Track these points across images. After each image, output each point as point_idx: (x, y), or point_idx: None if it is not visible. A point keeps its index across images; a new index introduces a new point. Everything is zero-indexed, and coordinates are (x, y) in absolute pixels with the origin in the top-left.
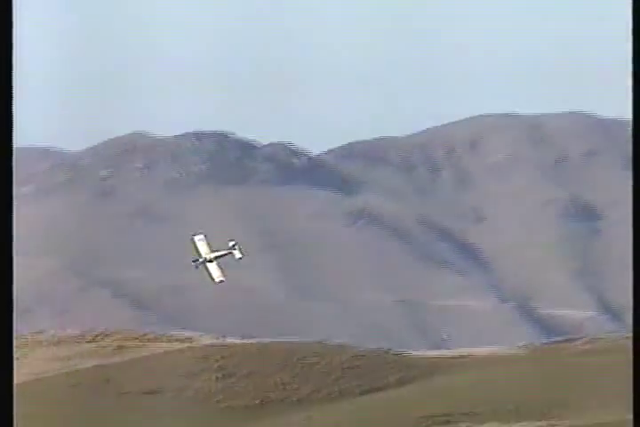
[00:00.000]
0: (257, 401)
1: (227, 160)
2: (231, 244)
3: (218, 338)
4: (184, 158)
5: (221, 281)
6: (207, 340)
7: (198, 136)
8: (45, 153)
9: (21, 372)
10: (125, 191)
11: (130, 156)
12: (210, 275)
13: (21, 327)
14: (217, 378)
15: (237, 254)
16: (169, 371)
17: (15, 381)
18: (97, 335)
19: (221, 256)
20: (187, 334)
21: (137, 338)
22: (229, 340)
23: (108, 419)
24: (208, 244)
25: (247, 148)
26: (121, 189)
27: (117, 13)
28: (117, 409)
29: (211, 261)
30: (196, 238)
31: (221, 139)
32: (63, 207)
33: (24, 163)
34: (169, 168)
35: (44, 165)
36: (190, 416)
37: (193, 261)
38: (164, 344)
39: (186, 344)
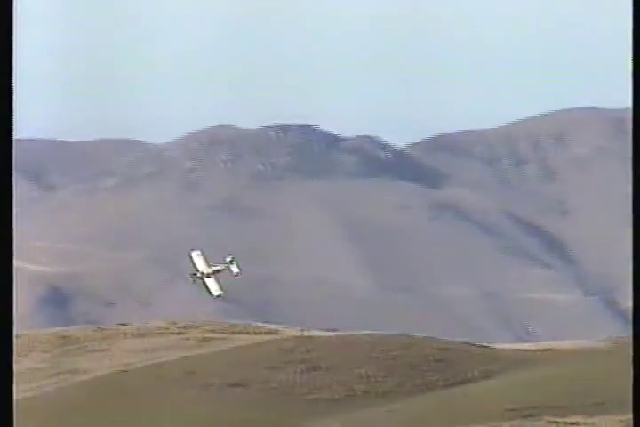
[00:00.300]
0: (341, 394)
1: (312, 152)
2: (228, 259)
3: (303, 331)
4: (269, 151)
5: (219, 295)
6: (292, 332)
7: (283, 128)
8: (129, 145)
9: (107, 364)
10: (210, 183)
11: (214, 148)
12: (207, 289)
13: (107, 319)
14: (301, 371)
15: (235, 269)
16: (254, 363)
17: (100, 373)
18: (182, 327)
19: (219, 271)
20: (272, 326)
21: (222, 330)
22: (314, 332)
23: (193, 411)
24: (205, 259)
25: (332, 140)
26: (206, 181)
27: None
28: (202, 401)
29: (208, 275)
30: (194, 254)
31: (306, 131)
32: (148, 199)
33: (107, 155)
34: (253, 160)
35: (127, 158)
36: (274, 409)
37: (190, 276)
38: (250, 337)
39: (271, 337)
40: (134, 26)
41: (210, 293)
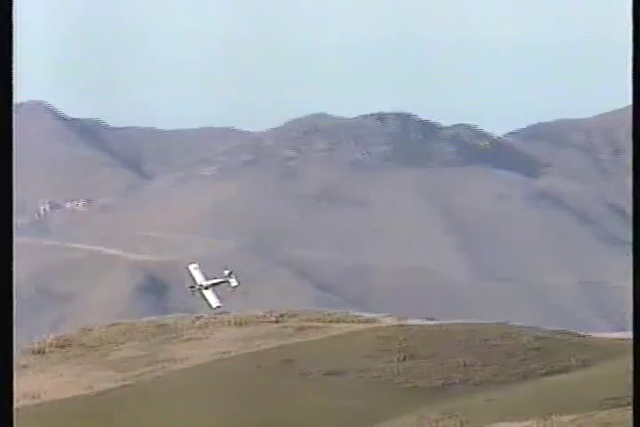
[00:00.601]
0: (439, 383)
1: (409, 141)
2: (226, 272)
3: (400, 319)
4: (367, 139)
5: (218, 307)
6: (390, 321)
7: (381, 117)
8: (227, 133)
9: (204, 352)
10: (308, 172)
11: (312, 137)
12: (207, 301)
13: (205, 308)
14: (399, 359)
15: (233, 282)
16: (351, 352)
17: (197, 361)
18: (280, 316)
19: (217, 284)
20: (370, 315)
21: (320, 319)
22: (412, 321)
23: (290, 400)
24: (202, 272)
25: (430, 129)
26: (304, 170)
27: None
28: (299, 390)
29: (207, 288)
30: (191, 267)
31: (404, 120)
32: (246, 188)
33: (206, 143)
34: (351, 149)
35: (225, 146)
36: (372, 397)
37: (189, 288)
38: (347, 325)
39: (369, 325)
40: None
41: (209, 305)
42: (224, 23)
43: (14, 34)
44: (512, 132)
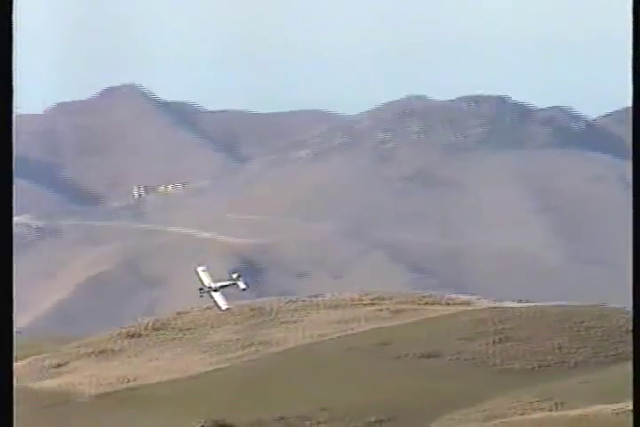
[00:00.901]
0: (534, 365)
1: (504, 124)
2: (235, 275)
3: (495, 302)
4: (461, 122)
5: (227, 309)
6: (485, 304)
7: (475, 99)
8: (321, 116)
9: (299, 335)
10: (403, 155)
11: (406, 119)
12: (215, 303)
13: (299, 291)
14: (494, 342)
15: (242, 285)
16: (446, 334)
17: (292, 344)
18: (375, 299)
19: (226, 286)
20: (464, 297)
21: (415, 301)
22: (507, 304)
23: (385, 382)
24: (210, 275)
25: (524, 111)
26: (398, 152)
27: None
28: (394, 372)
29: (216, 290)
30: (199, 269)
31: (499, 102)
32: (341, 171)
33: (300, 126)
34: (446, 132)
35: (320, 129)
36: (466, 380)
37: (199, 290)
38: (442, 308)
39: (464, 308)
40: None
41: (218, 306)
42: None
43: (15, 33)
44: (606, 115)
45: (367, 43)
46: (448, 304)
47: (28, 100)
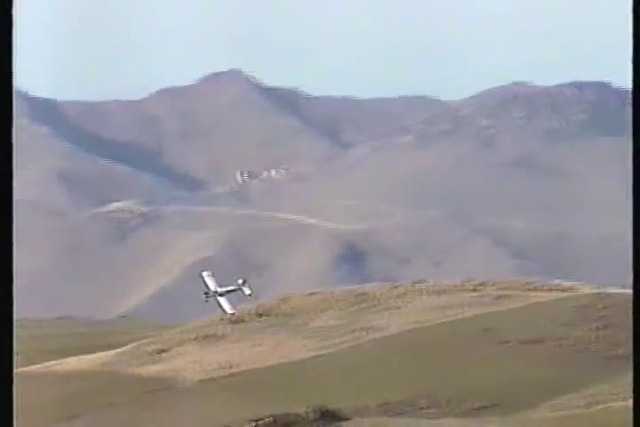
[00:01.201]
0: None
1: (607, 110)
2: (240, 281)
3: (599, 288)
4: (565, 108)
5: (232, 314)
6: (588, 289)
7: (578, 86)
8: (424, 102)
9: (402, 321)
10: (506, 141)
11: (509, 105)
12: (221, 307)
13: (401, 277)
14: (597, 328)
15: (247, 291)
16: (549, 320)
17: (395, 330)
18: (478, 285)
19: (231, 291)
20: (567, 283)
21: (518, 287)
22: (610, 289)
23: (489, 368)
24: (215, 280)
25: (628, 97)
26: (501, 138)
27: None
28: (497, 359)
29: (221, 295)
30: (204, 274)
31: (602, 88)
32: (443, 157)
33: (403, 112)
34: (549, 118)
35: (423, 115)
36: (570, 366)
37: (204, 294)
38: (545, 294)
39: (567, 294)
40: None
41: (223, 311)
42: None
43: (16, 31)
44: None
45: (472, 29)
46: (551, 290)
47: (127, 86)
